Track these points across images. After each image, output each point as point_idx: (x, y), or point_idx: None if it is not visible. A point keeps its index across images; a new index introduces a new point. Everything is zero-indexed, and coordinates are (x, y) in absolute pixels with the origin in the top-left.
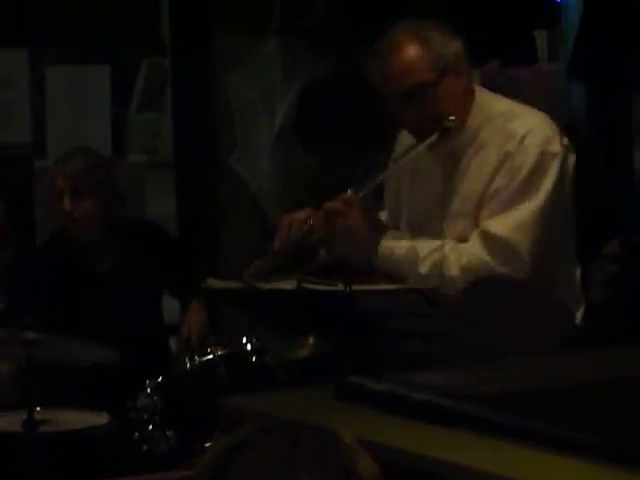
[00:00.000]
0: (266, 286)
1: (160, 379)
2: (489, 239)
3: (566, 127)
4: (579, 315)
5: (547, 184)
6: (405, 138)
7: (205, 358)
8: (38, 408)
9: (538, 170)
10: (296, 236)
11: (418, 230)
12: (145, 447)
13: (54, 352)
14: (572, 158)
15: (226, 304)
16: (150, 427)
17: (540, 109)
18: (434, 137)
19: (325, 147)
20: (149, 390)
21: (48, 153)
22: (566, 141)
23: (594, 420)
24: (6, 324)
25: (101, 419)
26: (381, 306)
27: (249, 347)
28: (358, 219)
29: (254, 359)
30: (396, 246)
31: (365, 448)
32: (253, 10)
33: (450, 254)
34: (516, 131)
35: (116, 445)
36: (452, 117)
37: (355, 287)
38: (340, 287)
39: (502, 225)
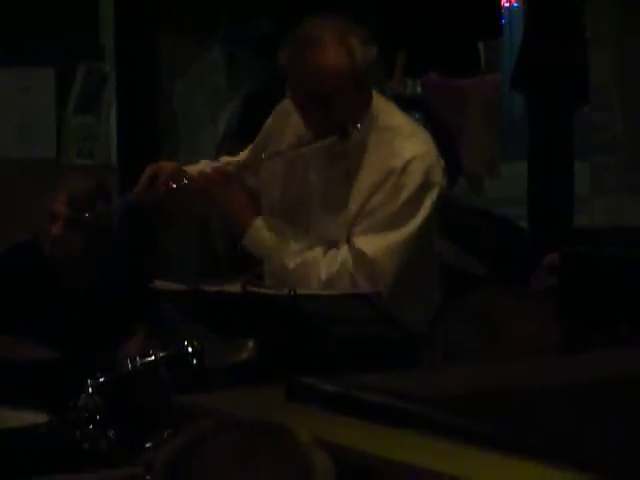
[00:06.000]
0: (211, 288)
1: (102, 379)
2: (358, 257)
3: None
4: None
5: (421, 214)
6: (279, 115)
7: (146, 359)
8: None
9: (416, 199)
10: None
11: (289, 217)
12: (86, 446)
13: None
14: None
15: (170, 305)
16: (91, 426)
17: (481, 119)
18: (335, 138)
19: None
20: (90, 390)
21: None
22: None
23: (539, 423)
24: None
25: (41, 418)
26: (325, 311)
27: (190, 349)
28: (235, 193)
29: (194, 361)
30: (268, 234)
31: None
32: (199, 17)
33: (323, 259)
34: (403, 152)
35: (56, 444)
36: (358, 125)
37: (300, 291)
38: (285, 291)
39: (372, 246)
